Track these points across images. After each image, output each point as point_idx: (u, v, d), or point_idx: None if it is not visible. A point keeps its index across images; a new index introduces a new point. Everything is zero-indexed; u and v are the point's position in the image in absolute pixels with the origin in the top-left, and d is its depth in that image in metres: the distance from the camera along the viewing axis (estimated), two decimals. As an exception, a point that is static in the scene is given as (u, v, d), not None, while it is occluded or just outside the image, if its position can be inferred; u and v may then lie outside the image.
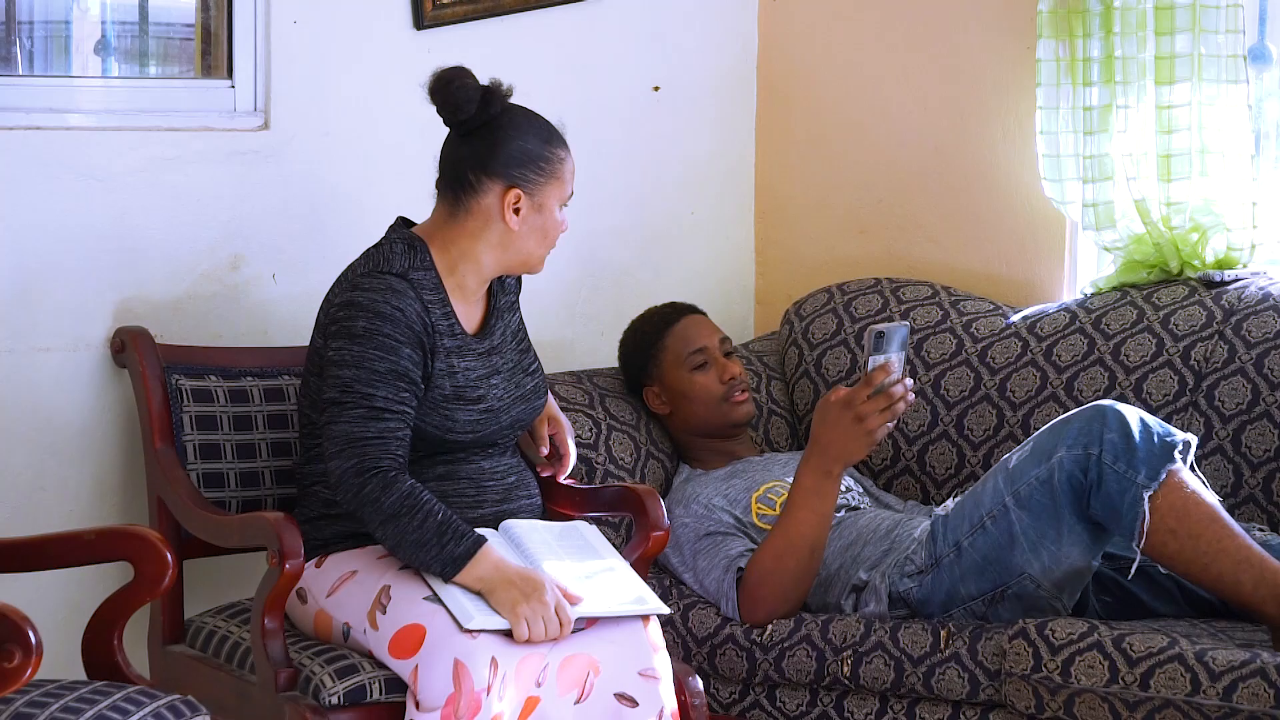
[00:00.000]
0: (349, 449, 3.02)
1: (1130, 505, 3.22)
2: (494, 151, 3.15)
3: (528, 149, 3.16)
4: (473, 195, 3.16)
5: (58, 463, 3.46)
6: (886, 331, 3.30)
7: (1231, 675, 3.04)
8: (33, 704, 2.52)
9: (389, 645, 2.99)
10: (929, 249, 4.33)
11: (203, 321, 3.60)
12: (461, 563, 3.00)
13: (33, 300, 3.41)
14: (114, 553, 2.88)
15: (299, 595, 3.15)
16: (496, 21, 4.01)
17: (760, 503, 3.67)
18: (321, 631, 3.14)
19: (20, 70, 3.63)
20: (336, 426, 3.04)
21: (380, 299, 3.09)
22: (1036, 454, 3.33)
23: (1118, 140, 3.92)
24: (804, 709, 3.48)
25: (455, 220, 3.19)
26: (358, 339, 3.06)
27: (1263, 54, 4.00)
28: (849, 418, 3.35)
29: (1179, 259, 3.94)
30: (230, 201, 3.64)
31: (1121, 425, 3.26)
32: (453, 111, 3.14)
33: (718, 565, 3.57)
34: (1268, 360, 3.69)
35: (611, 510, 3.49)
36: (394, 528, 3.00)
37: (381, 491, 3.00)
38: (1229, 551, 3.20)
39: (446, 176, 3.20)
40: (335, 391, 3.06)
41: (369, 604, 3.04)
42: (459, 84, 3.13)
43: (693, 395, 3.82)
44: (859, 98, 4.42)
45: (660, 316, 3.91)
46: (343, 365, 3.06)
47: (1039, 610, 3.35)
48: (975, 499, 3.40)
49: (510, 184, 3.15)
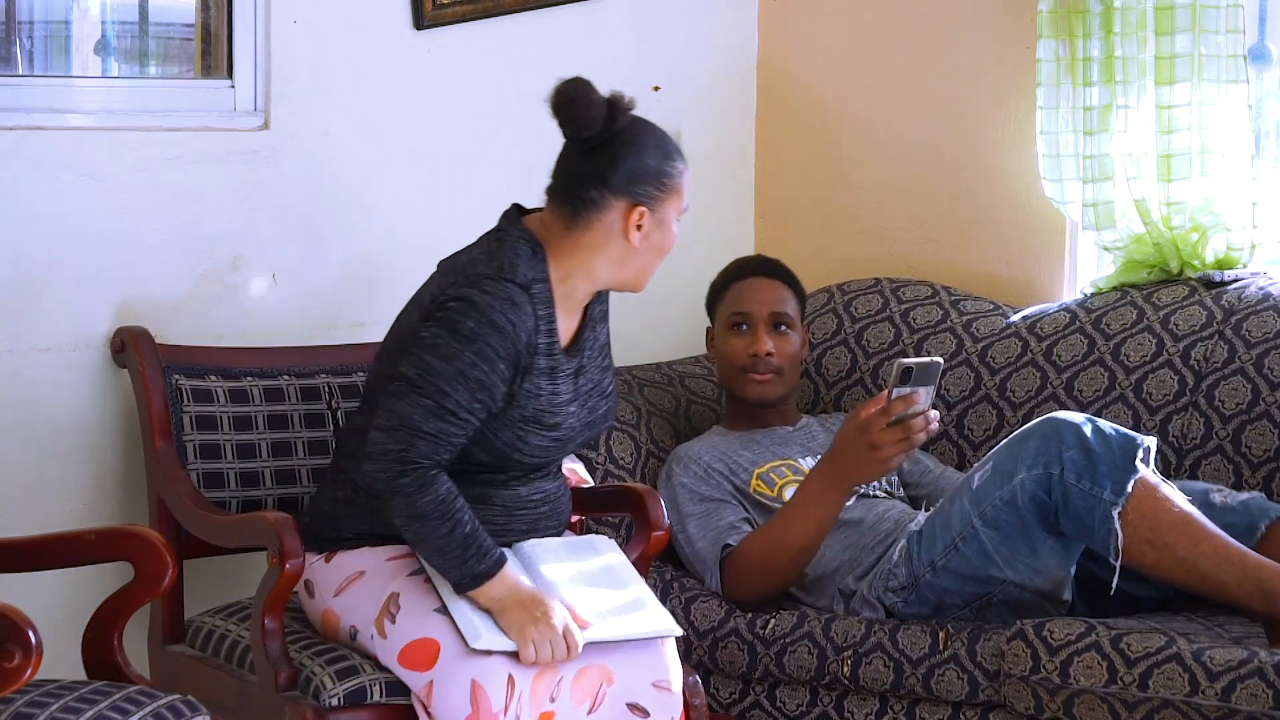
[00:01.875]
0: (401, 432, 2.93)
1: (1101, 523, 3.20)
2: (618, 168, 3.02)
3: (650, 165, 3.05)
4: (595, 211, 3.04)
5: (58, 463, 3.46)
6: (915, 368, 3.24)
7: (1230, 675, 3.04)
8: (33, 704, 2.52)
9: (398, 656, 2.97)
10: (929, 249, 4.33)
11: (203, 321, 3.60)
12: (480, 581, 2.95)
13: (33, 300, 3.41)
14: (114, 553, 2.88)
15: (306, 587, 3.14)
16: (496, 21, 4.01)
17: (760, 480, 3.67)
18: (328, 628, 3.12)
19: (20, 70, 3.63)
20: (399, 404, 2.94)
21: (498, 308, 2.97)
22: (997, 474, 3.30)
23: (1118, 140, 3.92)
24: (804, 709, 3.48)
25: (573, 233, 3.05)
26: (460, 337, 2.95)
27: (1263, 54, 3.99)
28: (864, 442, 3.31)
29: (1179, 259, 3.94)
30: (230, 201, 3.64)
31: (1079, 440, 3.23)
32: (578, 128, 3.01)
33: (706, 536, 3.58)
34: (1268, 360, 3.69)
35: (611, 510, 3.50)
36: (420, 527, 2.95)
37: (417, 489, 2.94)
38: (1208, 554, 3.18)
39: (566, 189, 3.06)
40: (413, 372, 2.95)
41: (376, 610, 3.02)
42: (585, 100, 3.00)
43: (722, 356, 3.81)
44: (859, 98, 4.42)
45: (736, 268, 3.89)
46: (432, 353, 2.95)
47: (1028, 610, 3.35)
48: (944, 520, 3.38)
49: (635, 202, 3.03)
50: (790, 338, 3.79)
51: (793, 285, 3.85)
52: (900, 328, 4.07)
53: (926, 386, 3.27)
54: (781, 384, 3.78)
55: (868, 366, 4.07)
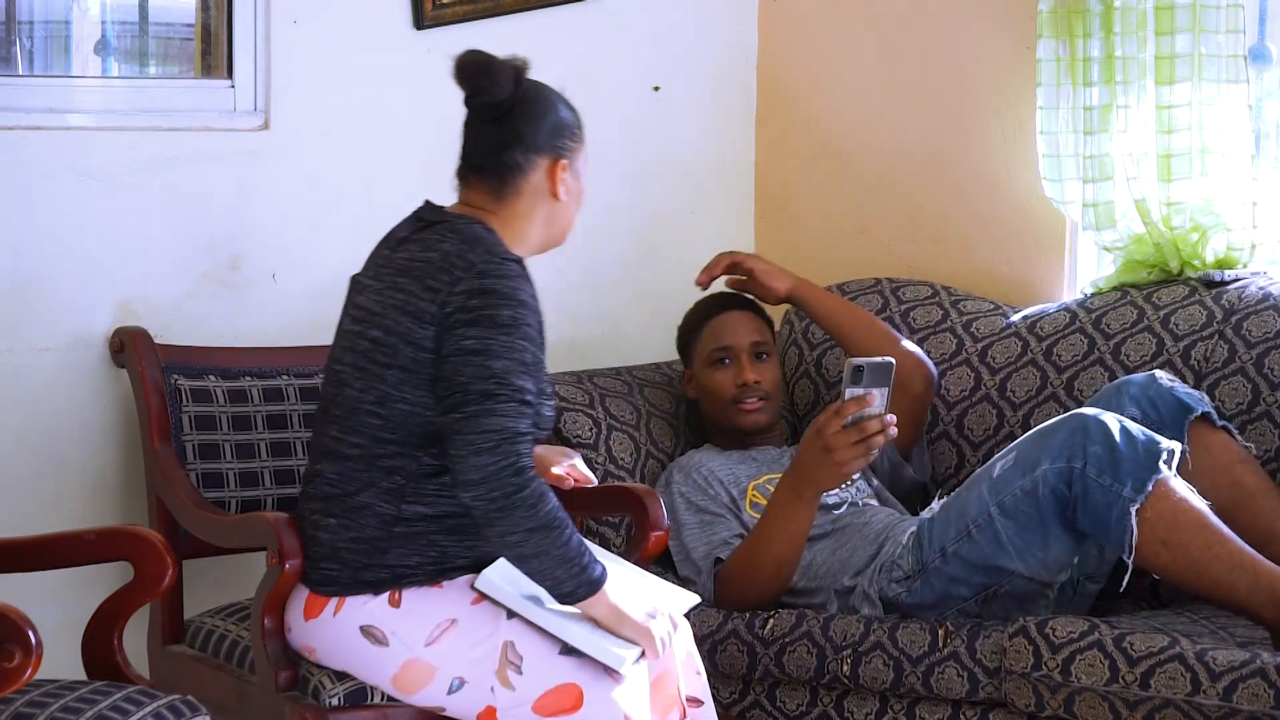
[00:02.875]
0: (504, 445, 2.82)
1: (1118, 520, 3.19)
2: (537, 126, 3.04)
3: (564, 117, 3.09)
4: (521, 175, 3.04)
5: (58, 463, 3.46)
6: (866, 366, 3.25)
7: (1231, 675, 3.04)
8: (33, 704, 2.52)
9: (534, 706, 2.89)
10: (929, 249, 4.33)
11: (203, 321, 3.60)
12: (597, 586, 2.89)
13: (33, 300, 3.42)
14: (114, 553, 2.88)
15: (368, 634, 2.94)
16: (496, 21, 4.01)
17: (756, 491, 3.69)
18: (410, 678, 2.94)
19: (20, 70, 3.64)
20: (489, 420, 2.82)
21: (517, 287, 2.92)
22: (1020, 464, 3.31)
23: (1118, 140, 3.92)
24: (804, 709, 3.48)
25: (504, 203, 3.04)
26: (504, 328, 2.88)
27: (1263, 54, 3.99)
28: (819, 446, 3.32)
29: (1179, 259, 3.93)
30: (230, 201, 3.64)
31: (1105, 437, 3.22)
32: (494, 93, 3.01)
33: (700, 549, 3.60)
34: (1268, 360, 3.69)
35: (611, 510, 3.50)
36: (544, 538, 2.83)
37: (539, 498, 2.83)
38: (1221, 558, 3.17)
39: (487, 161, 3.05)
40: (489, 384, 2.84)
41: (494, 662, 2.91)
42: (496, 66, 3.00)
43: (708, 391, 3.84)
44: (859, 98, 4.42)
45: (706, 307, 3.91)
46: (491, 355, 2.86)
47: (1030, 600, 3.35)
48: (960, 506, 3.39)
49: (557, 156, 3.06)
50: (771, 365, 3.85)
51: (764, 316, 3.92)
52: (900, 328, 4.07)
53: (881, 388, 3.26)
54: (770, 409, 3.83)
55: (868, 366, 4.07)
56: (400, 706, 2.98)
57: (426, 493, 2.95)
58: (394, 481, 2.94)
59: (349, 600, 2.94)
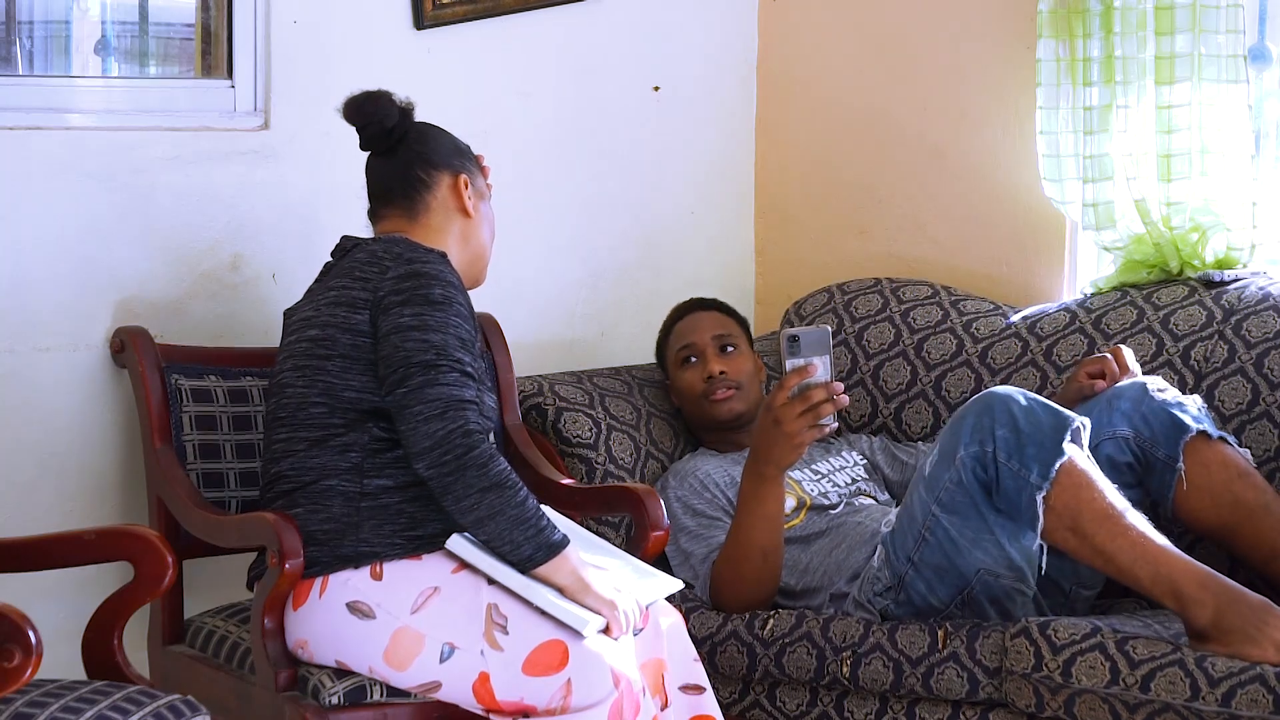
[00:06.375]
0: (452, 411, 2.92)
1: (1027, 505, 3.21)
2: (432, 146, 3.25)
3: (453, 143, 3.30)
4: (427, 190, 3.23)
5: (58, 463, 3.46)
6: (801, 335, 3.28)
7: (1230, 681, 3.04)
8: (33, 704, 2.52)
9: (524, 665, 2.91)
10: (929, 249, 4.33)
11: (203, 321, 3.60)
12: (555, 551, 2.94)
13: (33, 300, 3.41)
14: (114, 553, 2.88)
15: (355, 610, 2.98)
16: (496, 21, 4.01)
17: None
18: (402, 648, 2.96)
19: (20, 70, 3.63)
20: (435, 389, 2.93)
21: (444, 270, 3.07)
22: (944, 456, 3.31)
23: (1118, 140, 3.92)
24: (804, 709, 3.48)
25: (418, 221, 3.22)
26: (438, 304, 3.00)
27: (1263, 54, 3.99)
28: (769, 420, 3.34)
29: (1179, 259, 3.94)
30: (230, 201, 3.64)
31: (1009, 418, 3.23)
32: (382, 121, 3.22)
33: (698, 552, 3.60)
34: (1268, 360, 3.69)
35: (611, 510, 3.50)
36: (497, 498, 2.91)
37: (489, 458, 2.92)
38: (1124, 548, 3.19)
39: (394, 185, 3.23)
40: (430, 354, 2.95)
41: (480, 624, 2.94)
42: (380, 96, 3.24)
43: (681, 392, 3.87)
44: (859, 97, 4.42)
45: (672, 314, 3.96)
46: (429, 329, 2.98)
47: (1009, 599, 3.35)
48: (909, 513, 3.38)
49: (456, 171, 3.25)
50: (739, 357, 3.85)
51: (732, 314, 3.94)
52: (900, 328, 4.07)
53: (820, 356, 3.29)
54: (744, 398, 3.82)
55: (868, 367, 4.07)
56: (400, 705, 2.99)
57: (385, 465, 3.03)
58: (350, 460, 3.03)
59: (332, 578, 2.99)
